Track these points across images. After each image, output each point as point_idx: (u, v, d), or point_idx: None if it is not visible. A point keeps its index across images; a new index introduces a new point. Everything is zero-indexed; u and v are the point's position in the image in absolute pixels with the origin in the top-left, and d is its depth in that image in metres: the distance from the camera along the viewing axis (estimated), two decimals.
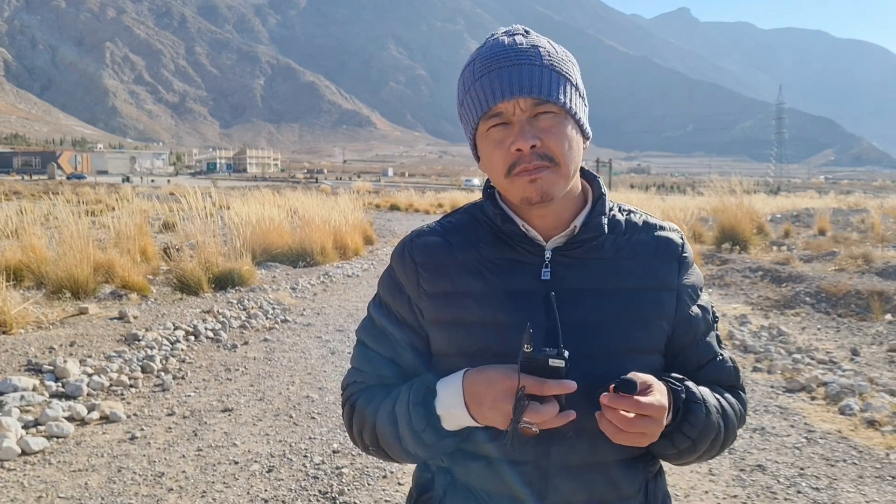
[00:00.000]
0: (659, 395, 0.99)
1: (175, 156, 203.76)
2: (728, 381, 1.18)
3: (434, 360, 1.13)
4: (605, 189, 1.15)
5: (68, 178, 78.55)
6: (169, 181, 68.04)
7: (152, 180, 75.32)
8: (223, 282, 8.99)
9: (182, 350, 6.04)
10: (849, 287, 8.21)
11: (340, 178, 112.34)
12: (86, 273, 7.69)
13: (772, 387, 5.26)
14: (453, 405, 1.03)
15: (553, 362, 0.97)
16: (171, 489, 3.45)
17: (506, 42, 1.06)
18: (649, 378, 1.00)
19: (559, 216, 1.10)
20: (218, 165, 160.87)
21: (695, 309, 1.15)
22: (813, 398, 4.96)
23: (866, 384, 4.99)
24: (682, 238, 1.18)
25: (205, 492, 3.44)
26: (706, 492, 3.48)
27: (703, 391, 1.09)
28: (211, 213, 10.63)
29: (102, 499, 3.33)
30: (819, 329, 7.13)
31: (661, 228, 1.17)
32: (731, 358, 1.19)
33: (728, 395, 1.16)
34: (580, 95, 1.09)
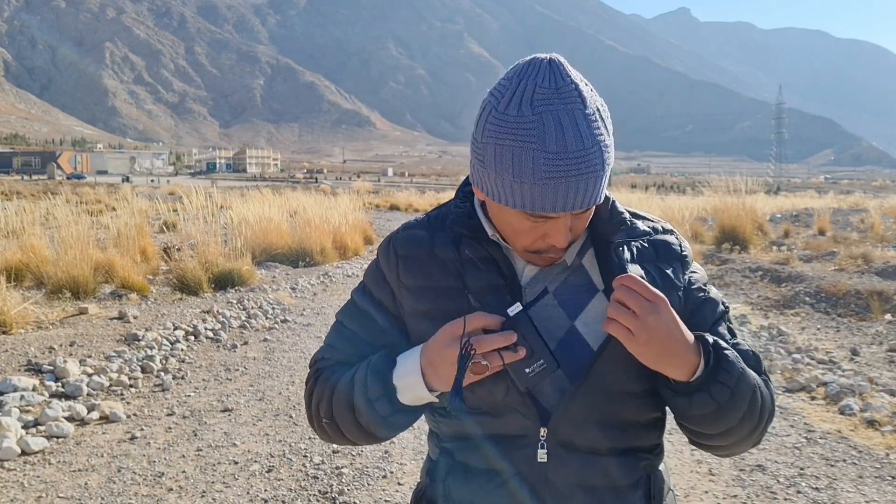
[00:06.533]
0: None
1: (175, 156, 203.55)
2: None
3: None
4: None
5: (68, 178, 78.40)
6: (168, 181, 68.03)
7: (152, 180, 75.27)
8: (223, 282, 8.99)
9: (182, 350, 6.05)
10: (848, 287, 8.21)
11: (340, 178, 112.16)
12: (86, 273, 7.69)
13: None
14: (409, 372, 1.04)
15: (512, 310, 0.97)
16: (171, 489, 3.46)
17: (571, 135, 0.91)
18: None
19: None
20: (217, 165, 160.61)
21: (703, 301, 1.13)
22: (813, 398, 4.97)
23: (866, 384, 4.99)
24: (678, 238, 1.16)
25: (205, 492, 3.44)
26: (706, 492, 3.49)
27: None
28: (211, 213, 10.64)
29: (102, 499, 3.33)
30: (819, 329, 7.13)
31: (655, 232, 1.15)
32: (749, 345, 1.13)
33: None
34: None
